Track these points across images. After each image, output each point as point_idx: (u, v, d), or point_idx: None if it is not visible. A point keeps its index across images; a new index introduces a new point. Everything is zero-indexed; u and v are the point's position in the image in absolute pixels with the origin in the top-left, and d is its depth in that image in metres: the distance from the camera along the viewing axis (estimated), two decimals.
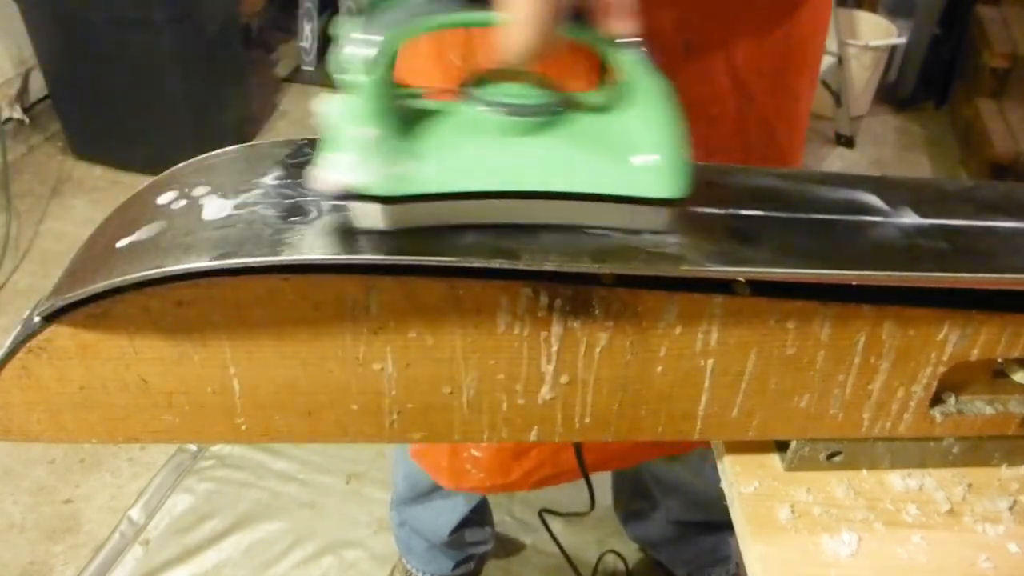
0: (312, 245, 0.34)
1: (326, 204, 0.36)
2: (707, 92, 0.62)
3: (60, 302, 0.35)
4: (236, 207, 0.36)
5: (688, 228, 0.39)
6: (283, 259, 0.33)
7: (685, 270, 0.37)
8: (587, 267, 0.36)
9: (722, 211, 0.41)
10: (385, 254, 0.34)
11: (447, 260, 0.35)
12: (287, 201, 0.36)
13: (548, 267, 0.36)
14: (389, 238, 0.35)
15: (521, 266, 0.35)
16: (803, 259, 0.38)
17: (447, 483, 0.89)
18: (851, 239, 0.40)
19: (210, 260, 0.33)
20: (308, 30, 2.60)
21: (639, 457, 0.93)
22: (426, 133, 0.36)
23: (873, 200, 0.43)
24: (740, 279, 0.39)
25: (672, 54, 0.58)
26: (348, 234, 0.34)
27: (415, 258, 0.34)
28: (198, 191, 0.37)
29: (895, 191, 0.44)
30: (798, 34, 0.64)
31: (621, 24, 0.35)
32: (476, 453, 0.83)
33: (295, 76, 2.61)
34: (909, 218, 0.42)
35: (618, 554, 1.38)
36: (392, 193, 0.34)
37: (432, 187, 0.35)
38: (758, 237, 0.39)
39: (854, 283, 0.39)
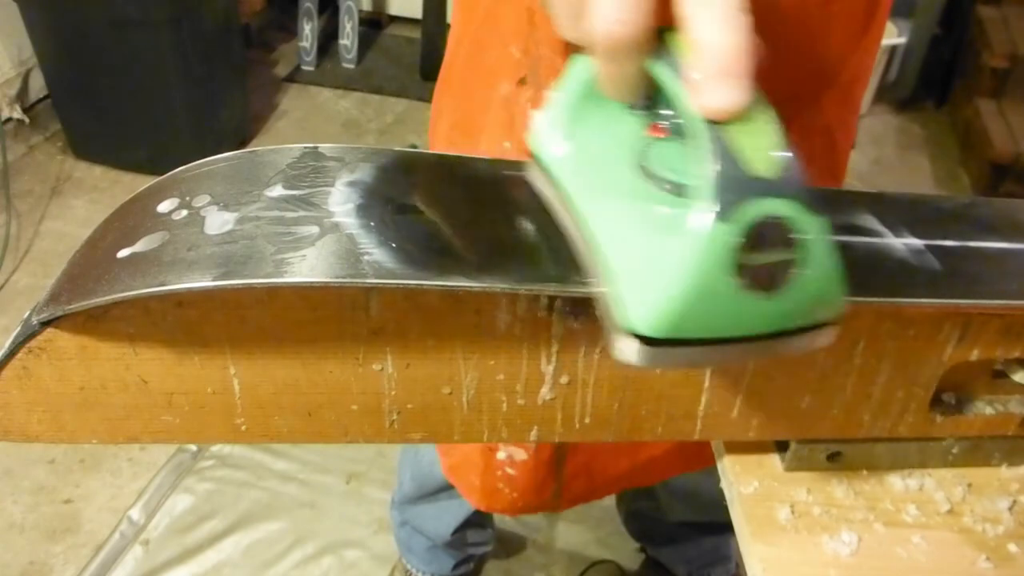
0: (314, 267, 0.33)
1: (328, 222, 0.36)
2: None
3: (60, 311, 0.35)
4: (238, 221, 0.35)
5: None
6: (286, 281, 0.33)
7: None
8: (583, 291, 0.35)
9: None
10: (388, 278, 0.34)
11: (450, 285, 0.34)
12: (289, 216, 0.36)
13: (548, 293, 0.37)
14: (393, 258, 0.35)
15: (522, 291, 0.36)
16: None
17: (479, 503, 0.86)
18: (847, 262, 0.40)
19: (212, 280, 0.33)
20: (308, 30, 2.60)
21: (678, 468, 0.89)
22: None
23: (870, 221, 0.43)
24: None
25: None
26: (351, 255, 0.34)
27: (417, 283, 0.34)
28: (199, 201, 0.37)
29: (892, 210, 0.44)
30: (867, 46, 0.64)
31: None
32: (511, 471, 0.79)
33: (295, 76, 2.61)
34: (905, 239, 0.42)
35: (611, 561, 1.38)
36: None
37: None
38: None
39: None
